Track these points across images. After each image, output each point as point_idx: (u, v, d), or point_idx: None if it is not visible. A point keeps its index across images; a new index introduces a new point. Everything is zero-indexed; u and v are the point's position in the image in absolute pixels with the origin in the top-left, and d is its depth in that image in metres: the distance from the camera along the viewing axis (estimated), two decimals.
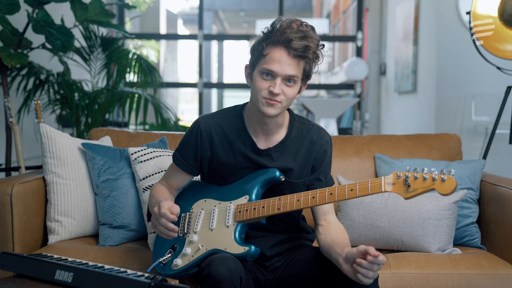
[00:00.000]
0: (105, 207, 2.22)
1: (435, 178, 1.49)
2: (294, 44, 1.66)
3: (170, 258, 1.80)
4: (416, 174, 1.52)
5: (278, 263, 1.85)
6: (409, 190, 1.52)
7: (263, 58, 1.70)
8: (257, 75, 1.72)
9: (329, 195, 1.65)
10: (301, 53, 1.67)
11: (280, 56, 1.68)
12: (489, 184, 2.29)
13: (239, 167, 1.82)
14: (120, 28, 3.62)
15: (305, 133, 1.84)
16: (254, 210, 1.73)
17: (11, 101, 2.81)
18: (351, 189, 1.62)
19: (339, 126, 7.18)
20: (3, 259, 1.64)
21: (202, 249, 1.76)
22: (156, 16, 11.37)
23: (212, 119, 1.85)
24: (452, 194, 1.48)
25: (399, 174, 1.54)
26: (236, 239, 1.73)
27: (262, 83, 1.70)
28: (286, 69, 1.68)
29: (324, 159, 1.85)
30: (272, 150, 1.81)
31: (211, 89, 14.54)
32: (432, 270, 1.99)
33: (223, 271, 1.59)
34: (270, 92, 1.68)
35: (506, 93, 3.37)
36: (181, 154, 1.87)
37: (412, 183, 1.52)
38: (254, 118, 1.80)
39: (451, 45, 4.44)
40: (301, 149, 1.83)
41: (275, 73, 1.68)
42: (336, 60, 14.05)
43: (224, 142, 1.82)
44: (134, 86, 4.23)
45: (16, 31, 3.21)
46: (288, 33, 1.66)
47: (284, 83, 1.69)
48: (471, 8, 3.25)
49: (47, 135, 2.22)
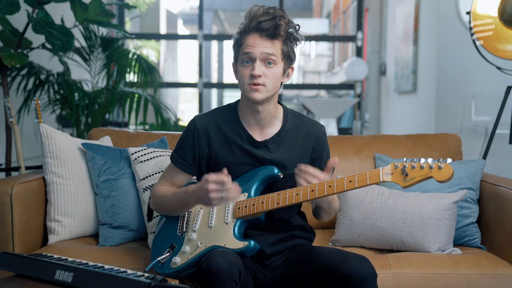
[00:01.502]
0: (105, 207, 2.22)
1: (432, 166, 1.52)
2: (264, 25, 1.75)
3: (168, 257, 1.80)
4: (414, 163, 1.55)
5: (277, 262, 1.85)
6: (407, 179, 1.56)
7: (240, 48, 1.79)
8: (239, 66, 1.80)
9: (328, 187, 1.67)
10: (272, 32, 1.75)
11: (254, 40, 1.76)
12: (489, 184, 2.29)
13: (237, 163, 1.83)
14: (120, 28, 3.62)
15: (299, 125, 1.89)
16: (253, 206, 1.74)
17: (11, 101, 2.81)
18: (349, 181, 1.64)
19: (339, 126, 7.18)
20: (3, 259, 1.64)
21: (201, 246, 1.76)
22: (156, 16, 11.37)
23: (207, 117, 1.88)
24: (449, 181, 1.52)
25: (396, 164, 1.58)
26: (235, 235, 1.74)
27: (243, 71, 1.77)
28: (261, 48, 1.75)
29: (323, 150, 1.91)
30: (269, 142, 1.84)
31: (211, 89, 14.53)
32: (432, 270, 1.99)
33: (222, 263, 1.60)
34: (252, 76, 1.75)
35: (506, 93, 3.37)
36: (179, 155, 1.88)
37: (410, 172, 1.55)
38: (247, 109, 1.84)
39: (451, 45, 4.44)
40: (297, 141, 1.87)
41: (252, 56, 1.75)
42: (336, 60, 14.05)
43: (221, 138, 1.84)
44: (134, 86, 4.23)
45: (16, 31, 3.21)
46: (256, 18, 1.76)
47: (263, 65, 1.76)
48: (471, 8, 3.25)
49: (47, 135, 2.22)
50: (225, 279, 1.58)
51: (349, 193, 2.25)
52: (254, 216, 1.76)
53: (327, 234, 2.38)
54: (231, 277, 1.59)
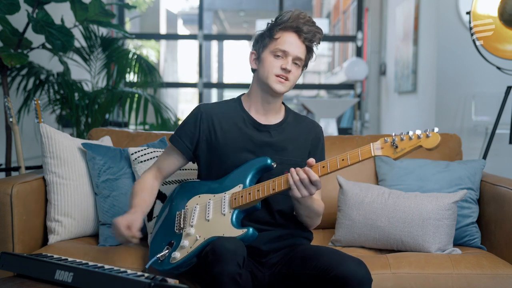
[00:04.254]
0: (105, 207, 2.22)
1: (420, 136, 1.59)
2: (305, 29, 1.85)
3: (167, 253, 1.80)
4: (402, 135, 1.61)
5: (275, 259, 1.86)
6: (397, 151, 1.61)
7: (274, 41, 1.86)
8: (268, 56, 1.87)
9: (322, 168, 1.71)
10: (310, 37, 1.87)
11: (292, 39, 1.86)
12: (489, 184, 2.29)
13: (236, 149, 1.87)
14: (120, 28, 3.62)
15: (299, 121, 1.99)
16: (249, 195, 1.77)
17: (11, 101, 2.81)
18: (342, 159, 1.68)
19: (339, 126, 7.18)
20: (3, 259, 1.64)
21: (200, 239, 1.76)
22: (156, 16, 11.36)
23: (212, 104, 1.98)
24: (437, 148, 1.57)
25: (386, 139, 1.63)
26: (233, 224, 1.75)
27: (274, 62, 1.85)
28: (296, 50, 1.86)
29: (318, 146, 1.98)
30: (272, 127, 1.92)
31: (211, 89, 14.54)
32: (432, 270, 1.99)
33: (227, 245, 1.63)
34: (283, 69, 1.84)
35: (506, 93, 3.37)
36: (178, 134, 1.94)
37: (399, 143, 1.61)
38: (257, 98, 1.92)
39: (451, 45, 4.44)
40: (297, 134, 1.95)
41: (287, 53, 1.85)
42: (336, 60, 14.05)
43: (223, 123, 1.91)
44: (134, 86, 4.23)
45: (16, 31, 3.21)
46: (298, 21, 1.86)
47: (293, 64, 1.86)
48: (471, 8, 3.25)
49: (47, 135, 2.22)
50: (228, 259, 1.59)
51: (349, 193, 2.25)
52: (251, 204, 1.77)
53: (327, 234, 2.38)
54: (235, 259, 1.60)
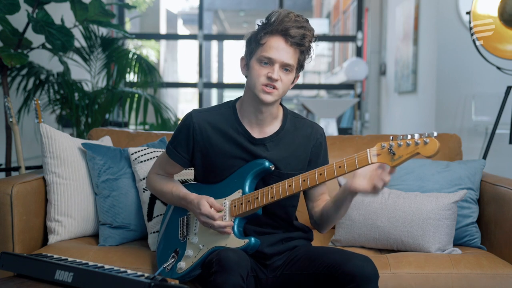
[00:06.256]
0: (105, 207, 2.22)
1: (418, 142, 1.50)
2: (292, 32, 1.72)
3: (173, 263, 1.83)
4: (400, 141, 1.54)
5: (279, 262, 1.85)
6: (394, 158, 1.55)
7: (260, 46, 1.75)
8: (254, 63, 1.76)
9: (319, 175, 1.67)
10: (298, 41, 1.73)
11: (278, 44, 1.73)
12: (489, 184, 2.29)
13: (233, 157, 1.82)
14: (120, 28, 3.62)
15: (298, 126, 1.88)
16: (248, 203, 1.75)
17: (11, 101, 2.81)
18: (339, 166, 1.64)
19: (339, 126, 7.18)
20: (3, 259, 1.64)
21: (203, 249, 1.78)
22: (156, 16, 11.37)
23: (205, 112, 1.87)
24: (436, 155, 1.50)
25: (383, 145, 1.57)
26: (235, 233, 1.76)
27: (260, 70, 1.74)
28: (283, 56, 1.73)
29: (320, 152, 1.90)
30: (267, 140, 1.83)
31: (211, 89, 14.54)
32: (432, 270, 1.99)
33: (232, 256, 1.64)
34: (269, 78, 1.73)
35: (506, 93, 3.37)
36: (173, 146, 1.89)
37: (397, 150, 1.54)
38: (250, 108, 1.82)
39: (451, 45, 4.43)
40: (295, 142, 1.86)
41: (273, 60, 1.73)
42: (336, 60, 14.05)
43: (217, 133, 1.84)
44: (134, 86, 4.23)
45: (16, 31, 3.21)
46: (286, 22, 1.72)
47: (280, 70, 1.74)
48: (471, 8, 3.25)
49: (47, 135, 2.22)
50: (232, 271, 1.60)
51: None
52: (251, 212, 1.77)
53: (327, 234, 2.38)
54: (239, 271, 1.61)
